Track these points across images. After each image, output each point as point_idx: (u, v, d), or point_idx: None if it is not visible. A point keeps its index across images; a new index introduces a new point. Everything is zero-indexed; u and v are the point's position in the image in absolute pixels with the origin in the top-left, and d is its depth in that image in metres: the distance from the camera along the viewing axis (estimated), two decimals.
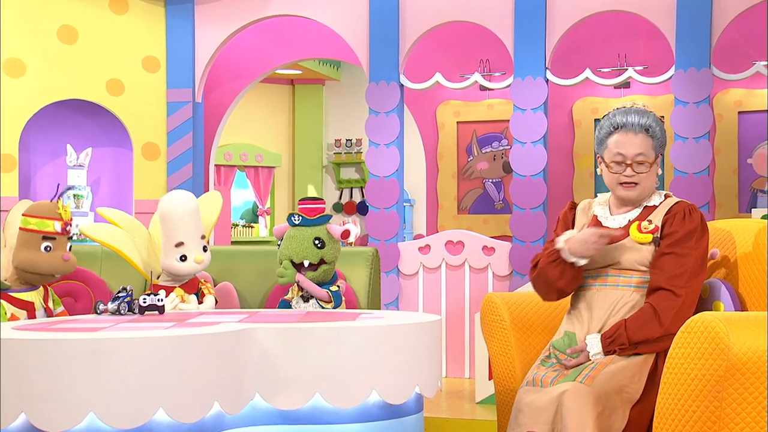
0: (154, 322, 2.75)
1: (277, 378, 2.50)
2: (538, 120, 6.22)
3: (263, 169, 10.76)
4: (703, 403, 2.39)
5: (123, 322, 2.78)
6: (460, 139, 7.85)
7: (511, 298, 3.36)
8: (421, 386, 2.67)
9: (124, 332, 2.40)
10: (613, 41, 7.23)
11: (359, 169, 11.04)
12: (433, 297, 6.36)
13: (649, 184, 3.00)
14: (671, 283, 2.82)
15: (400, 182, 6.52)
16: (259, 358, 2.49)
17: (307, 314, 3.03)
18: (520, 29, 6.27)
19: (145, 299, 2.99)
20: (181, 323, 2.69)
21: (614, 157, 2.98)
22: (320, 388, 2.51)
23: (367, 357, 2.55)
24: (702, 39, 5.99)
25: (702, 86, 5.99)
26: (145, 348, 2.28)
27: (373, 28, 6.56)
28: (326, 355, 2.51)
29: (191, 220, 3.53)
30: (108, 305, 3.02)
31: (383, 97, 6.50)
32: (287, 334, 2.52)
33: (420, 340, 2.67)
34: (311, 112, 11.01)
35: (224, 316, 2.95)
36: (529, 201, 6.21)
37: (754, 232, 3.00)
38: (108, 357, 2.26)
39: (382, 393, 2.56)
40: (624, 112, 3.03)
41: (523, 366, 3.24)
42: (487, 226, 7.68)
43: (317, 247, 3.43)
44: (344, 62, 10.59)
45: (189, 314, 3.05)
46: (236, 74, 7.72)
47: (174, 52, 7.12)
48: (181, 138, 7.13)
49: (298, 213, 3.48)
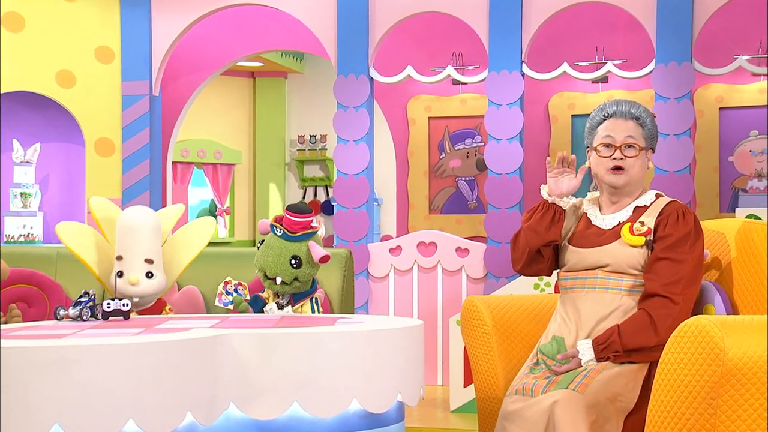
0: (121, 328, 2.72)
1: (253, 386, 2.48)
2: (514, 116, 6.26)
3: (222, 166, 10.71)
4: (697, 411, 2.41)
5: (87, 328, 2.74)
6: (432, 136, 7.87)
7: (493, 302, 3.37)
8: (404, 394, 2.67)
9: (91, 339, 2.37)
10: (590, 34, 7.29)
11: (324, 166, 11.03)
12: (404, 300, 6.37)
13: (637, 173, 3.03)
14: (668, 290, 2.84)
15: (369, 180, 6.52)
16: (234, 365, 2.47)
17: (281, 319, 3.02)
18: (495, 21, 6.30)
19: (109, 304, 2.96)
20: (150, 329, 2.66)
21: (603, 140, 3.02)
22: (299, 396, 2.49)
23: (347, 364, 2.54)
24: (683, 32, 6.06)
25: (683, 81, 6.06)
26: (114, 355, 2.25)
27: (341, 19, 6.56)
28: (305, 362, 2.50)
29: (133, 237, 3.51)
30: (69, 310, 2.98)
31: (352, 91, 6.50)
32: (264, 340, 2.50)
33: (402, 345, 2.67)
34: (273, 106, 10.98)
35: (194, 321, 2.93)
36: (505, 200, 6.24)
37: (745, 232, 3.04)
38: (75, 365, 2.23)
39: (363, 402, 2.55)
40: (615, 102, 3.09)
41: (507, 372, 3.25)
42: (460, 227, 7.70)
43: (293, 267, 3.41)
44: (308, 54, 10.58)
45: (157, 320, 3.02)
46: (195, 66, 7.68)
47: (129, 42, 7.07)
48: (137, 133, 7.08)
49: (281, 226, 3.45)
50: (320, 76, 10.90)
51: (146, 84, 7.09)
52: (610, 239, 3.01)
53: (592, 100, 7.44)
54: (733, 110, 7.30)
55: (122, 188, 7.05)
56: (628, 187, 3.05)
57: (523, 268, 3.15)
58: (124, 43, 7.08)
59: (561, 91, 7.52)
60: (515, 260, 3.18)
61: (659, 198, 3.08)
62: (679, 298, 2.84)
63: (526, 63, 6.33)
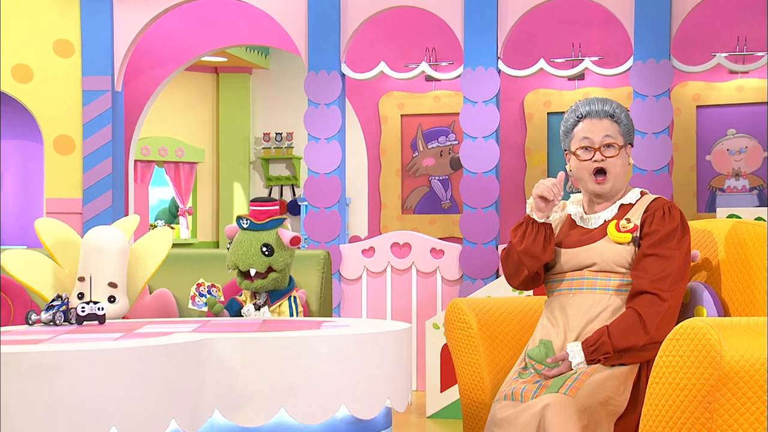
0: (99, 333, 2.70)
1: (239, 393, 2.47)
2: (489, 113, 6.28)
3: (184, 165, 10.65)
4: (693, 415, 2.42)
5: (62, 333, 2.72)
6: (405, 134, 7.88)
7: (478, 304, 3.38)
8: (392, 400, 2.68)
9: (71, 344, 2.35)
10: (566, 30, 7.34)
11: (290, 165, 11.00)
12: (377, 303, 6.37)
13: (619, 172, 3.06)
14: (656, 287, 2.86)
15: (341, 180, 6.52)
16: (219, 371, 2.46)
17: (264, 323, 3.01)
18: (470, 16, 6.32)
19: (84, 308, 2.94)
20: (130, 334, 2.64)
21: (581, 143, 3.04)
22: (285, 402, 2.49)
23: (335, 369, 2.54)
24: (662, 28, 6.12)
25: (662, 78, 6.12)
26: (96, 361, 2.24)
27: (312, 13, 6.55)
28: (292, 367, 2.50)
29: (99, 258, 3.50)
30: (41, 315, 2.96)
31: (323, 87, 6.49)
32: (249, 345, 2.50)
33: (391, 350, 2.67)
34: (237, 103, 10.93)
35: (174, 325, 2.91)
36: (481, 200, 6.26)
37: (734, 232, 3.07)
38: (55, 372, 2.21)
39: (351, 408, 2.56)
40: (587, 102, 3.11)
41: (493, 377, 3.26)
42: (433, 227, 7.72)
43: (265, 255, 3.41)
44: (273, 49, 10.55)
45: (134, 324, 3.00)
46: (159, 61, 7.63)
47: (90, 35, 7.00)
48: (99, 130, 7.01)
49: (246, 216, 3.45)
50: (286, 71, 10.88)
51: (108, 79, 7.02)
52: (596, 237, 3.04)
53: (568, 98, 7.49)
54: (710, 108, 7.38)
55: (83, 188, 6.98)
56: (613, 188, 3.08)
57: (521, 286, 3.16)
58: (85, 37, 7.01)
59: (536, 88, 7.57)
60: (510, 276, 3.16)
61: (644, 195, 3.12)
62: (667, 294, 2.86)
63: (501, 59, 6.36)
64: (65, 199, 6.97)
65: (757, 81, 7.21)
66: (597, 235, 3.04)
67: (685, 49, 6.64)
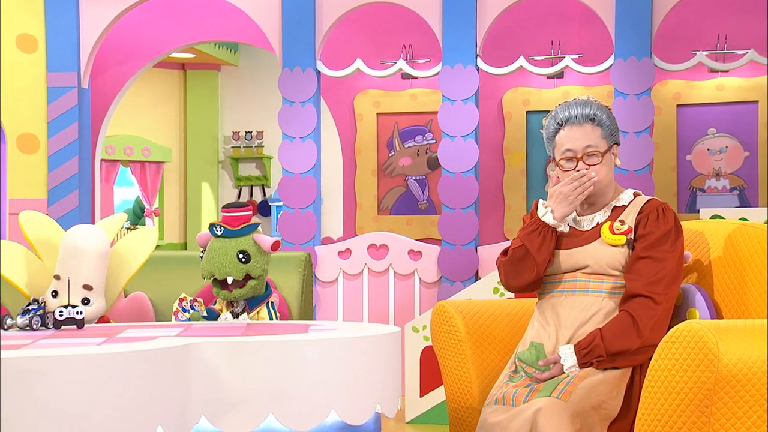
0: (80, 338, 2.68)
1: (226, 398, 2.47)
2: (468, 112, 6.30)
3: (151, 164, 10.59)
4: (689, 419, 2.44)
5: (42, 338, 2.70)
6: (381, 133, 7.88)
7: (465, 307, 3.39)
8: (383, 405, 2.68)
9: (55, 350, 2.33)
10: (545, 27, 7.37)
11: (260, 164, 10.97)
12: (353, 306, 6.37)
13: (605, 176, 3.09)
14: (650, 290, 2.89)
15: (317, 180, 6.51)
16: (206, 376, 2.46)
17: (248, 327, 3.00)
18: (449, 12, 6.33)
19: (62, 312, 2.91)
20: (114, 339, 2.63)
21: (563, 154, 3.08)
22: (274, 408, 2.49)
23: (325, 373, 2.54)
24: (643, 26, 6.17)
25: (643, 77, 6.17)
26: (82, 367, 2.22)
27: (286, 8, 6.54)
28: (281, 371, 2.49)
29: (77, 259, 3.49)
30: (17, 319, 2.93)
31: (298, 85, 6.48)
32: (237, 349, 2.49)
33: (381, 354, 2.68)
34: (205, 100, 10.88)
35: (156, 329, 2.90)
36: (460, 200, 6.28)
37: (727, 233, 3.10)
38: (39, 378, 2.19)
39: (341, 413, 2.56)
40: (566, 107, 3.13)
41: (481, 381, 3.27)
42: (410, 228, 7.72)
43: (241, 262, 3.41)
44: (242, 45, 10.51)
45: (115, 328, 2.98)
46: (127, 57, 7.58)
47: (55, 30, 6.94)
48: (64, 128, 6.95)
49: (219, 223, 3.44)
50: (256, 68, 10.85)
51: (74, 75, 6.96)
52: (589, 240, 3.06)
53: (547, 96, 7.52)
54: (690, 107, 7.44)
55: (48, 188, 6.92)
56: (599, 191, 3.11)
57: (522, 289, 3.16)
58: (49, 31, 6.95)
59: (515, 86, 7.59)
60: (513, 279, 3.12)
61: (637, 197, 3.15)
62: (661, 297, 2.89)
63: (480, 57, 6.38)
64: (29, 199, 6.90)
65: (737, 80, 7.28)
66: (590, 237, 3.06)
67: (665, 47, 6.70)
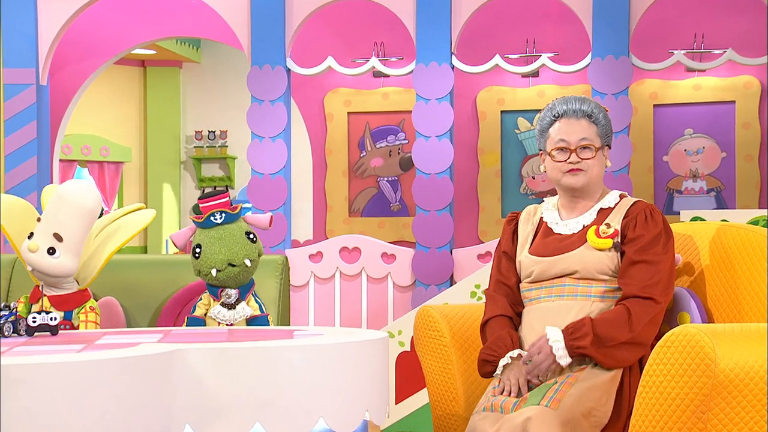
0: (58, 344, 2.66)
1: (211, 406, 2.45)
2: (443, 111, 6.32)
3: (109, 164, 10.52)
4: (685, 425, 2.46)
5: (17, 345, 2.67)
6: (352, 132, 7.87)
7: (450, 311, 3.39)
8: (371, 412, 2.68)
9: (33, 357, 2.31)
10: (521, 25, 7.40)
11: (224, 165, 10.93)
12: (325, 310, 6.36)
13: (596, 173, 3.10)
14: (648, 292, 2.90)
15: (287, 180, 6.50)
16: (190, 383, 2.44)
17: (231, 333, 2.99)
18: (423, 9, 6.35)
19: (35, 318, 2.89)
20: (93, 345, 2.61)
21: (557, 144, 3.08)
22: (260, 416, 2.48)
23: (313, 380, 2.53)
24: (620, 24, 6.22)
25: (621, 76, 6.22)
26: (63, 375, 2.20)
27: (255, 4, 6.52)
28: (268, 378, 2.48)
29: (57, 207, 3.52)
30: None
31: (268, 83, 6.47)
32: (222, 356, 2.48)
33: (369, 360, 2.67)
34: (166, 99, 10.82)
35: (135, 336, 2.88)
36: (434, 202, 6.29)
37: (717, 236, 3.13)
38: (18, 386, 2.16)
39: (330, 421, 2.55)
40: (564, 101, 3.14)
41: (467, 387, 3.28)
42: (382, 231, 7.72)
43: (252, 241, 3.51)
44: (205, 41, 10.46)
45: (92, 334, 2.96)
46: (87, 53, 7.52)
47: (11, 25, 6.87)
48: (22, 127, 6.89)
49: (219, 210, 3.47)
50: (219, 65, 10.79)
51: (32, 72, 6.90)
52: (575, 245, 3.06)
53: (522, 95, 7.56)
54: (667, 107, 7.50)
55: (4, 189, 6.84)
56: (588, 188, 3.11)
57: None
58: (5, 26, 6.87)
59: (489, 85, 7.62)
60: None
61: (623, 198, 3.16)
62: (661, 298, 2.92)
63: (455, 55, 6.40)
64: None
65: (714, 79, 7.36)
66: (576, 242, 3.06)
67: (642, 46, 6.75)
